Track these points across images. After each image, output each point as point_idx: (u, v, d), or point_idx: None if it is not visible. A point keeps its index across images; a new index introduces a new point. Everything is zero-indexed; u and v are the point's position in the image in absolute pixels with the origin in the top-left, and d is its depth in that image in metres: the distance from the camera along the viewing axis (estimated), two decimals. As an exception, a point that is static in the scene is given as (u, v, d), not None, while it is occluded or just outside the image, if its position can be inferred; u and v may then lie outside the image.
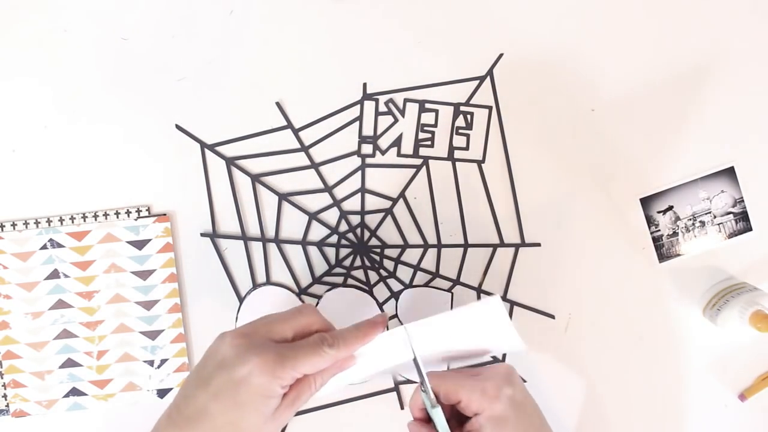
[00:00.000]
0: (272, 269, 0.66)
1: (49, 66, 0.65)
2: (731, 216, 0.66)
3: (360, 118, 0.65)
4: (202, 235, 0.65)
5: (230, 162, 0.65)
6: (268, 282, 0.66)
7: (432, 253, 0.66)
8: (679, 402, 0.67)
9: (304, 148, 0.65)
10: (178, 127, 0.65)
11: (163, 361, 0.65)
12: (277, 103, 0.65)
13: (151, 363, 0.65)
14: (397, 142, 0.65)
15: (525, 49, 0.65)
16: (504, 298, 0.66)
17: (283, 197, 0.65)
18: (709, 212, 0.66)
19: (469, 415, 0.52)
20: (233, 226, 0.66)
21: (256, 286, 0.66)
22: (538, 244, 0.66)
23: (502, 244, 0.66)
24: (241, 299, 0.66)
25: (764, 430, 0.67)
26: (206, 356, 0.50)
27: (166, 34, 0.65)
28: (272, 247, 0.66)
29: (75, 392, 0.66)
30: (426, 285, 0.66)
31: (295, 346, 0.49)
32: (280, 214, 0.66)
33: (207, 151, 0.65)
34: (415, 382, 0.65)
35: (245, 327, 0.51)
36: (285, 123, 0.65)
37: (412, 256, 0.66)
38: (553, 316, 0.66)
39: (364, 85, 0.65)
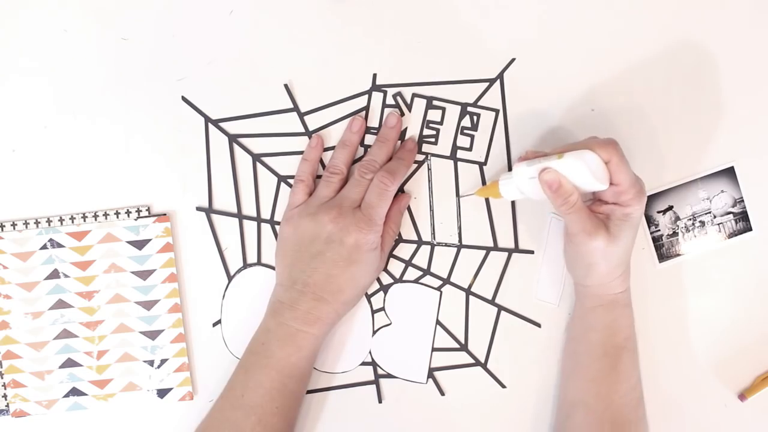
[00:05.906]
0: (264, 251, 0.66)
1: (49, 66, 0.65)
2: (731, 216, 0.66)
3: (366, 108, 0.65)
4: (198, 209, 0.65)
5: (233, 139, 0.65)
6: (259, 263, 0.66)
7: (425, 250, 0.66)
8: (679, 402, 0.67)
9: (309, 133, 0.65)
10: (184, 99, 0.65)
11: (163, 361, 0.65)
12: (286, 86, 0.65)
13: (151, 363, 0.65)
14: (402, 136, 0.65)
15: (537, 56, 0.65)
16: (492, 302, 0.66)
17: (282, 179, 0.65)
18: (709, 212, 0.66)
19: (605, 199, 0.59)
20: (231, 212, 0.65)
21: (246, 265, 0.66)
22: (531, 252, 0.66)
23: (496, 248, 0.66)
24: (230, 278, 0.66)
25: (764, 430, 0.67)
26: (306, 238, 0.60)
27: (166, 34, 0.65)
28: (266, 229, 0.66)
29: (75, 392, 0.66)
30: (416, 281, 0.66)
31: (366, 203, 0.60)
32: (277, 195, 0.66)
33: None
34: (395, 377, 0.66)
35: (332, 204, 0.60)
36: (291, 106, 0.65)
37: (405, 251, 0.66)
38: (539, 325, 0.66)
39: (374, 75, 0.65)
